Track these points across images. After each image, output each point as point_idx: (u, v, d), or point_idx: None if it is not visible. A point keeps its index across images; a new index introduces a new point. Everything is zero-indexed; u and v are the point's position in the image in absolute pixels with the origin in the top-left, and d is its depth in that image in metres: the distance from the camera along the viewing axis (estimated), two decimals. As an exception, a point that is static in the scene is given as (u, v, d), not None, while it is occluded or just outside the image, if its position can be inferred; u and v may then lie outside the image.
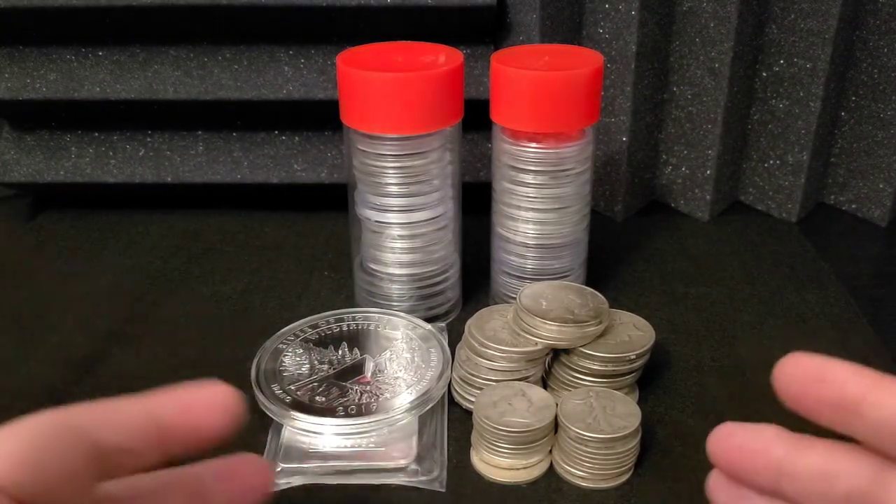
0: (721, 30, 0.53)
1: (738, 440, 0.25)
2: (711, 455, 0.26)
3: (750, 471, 0.25)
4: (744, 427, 0.26)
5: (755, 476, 0.25)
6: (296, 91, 0.55)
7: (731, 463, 0.26)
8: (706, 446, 0.27)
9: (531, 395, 0.37)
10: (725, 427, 0.26)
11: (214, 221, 0.60)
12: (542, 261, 0.45)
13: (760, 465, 0.25)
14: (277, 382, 0.39)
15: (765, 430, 0.25)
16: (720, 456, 0.26)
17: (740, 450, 0.25)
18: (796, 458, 0.24)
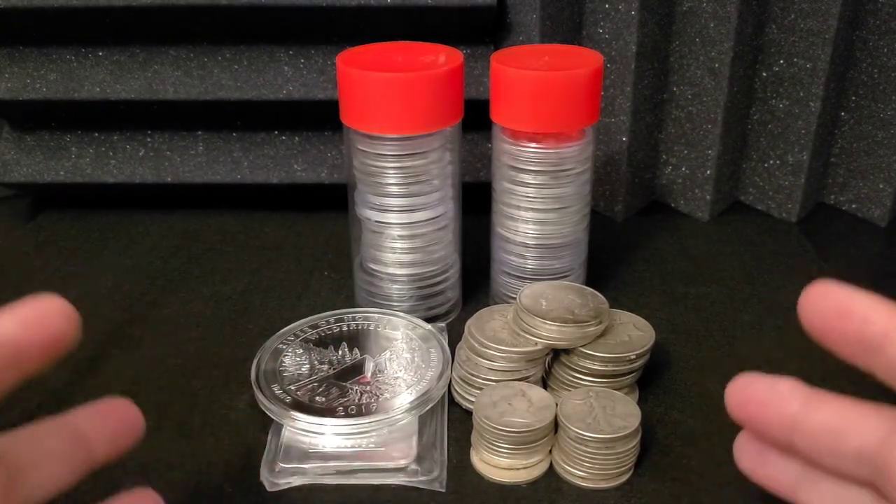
0: (721, 30, 0.53)
1: (754, 392, 0.25)
2: (728, 405, 0.26)
3: (765, 424, 0.25)
4: (761, 379, 0.25)
5: (770, 430, 0.25)
6: (296, 91, 0.55)
7: (747, 415, 0.25)
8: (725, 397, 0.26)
9: (531, 395, 0.37)
10: (743, 378, 0.26)
11: (214, 221, 0.60)
12: (542, 261, 0.45)
13: (775, 418, 0.24)
14: (277, 382, 0.39)
15: (781, 384, 0.25)
16: (736, 407, 0.26)
17: (756, 402, 0.25)
18: (809, 413, 0.24)
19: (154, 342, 0.46)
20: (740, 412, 0.26)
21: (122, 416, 0.26)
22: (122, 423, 0.26)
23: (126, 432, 0.26)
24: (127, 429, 0.26)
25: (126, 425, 0.26)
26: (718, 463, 0.37)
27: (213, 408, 0.41)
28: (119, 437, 0.25)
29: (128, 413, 0.26)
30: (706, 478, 0.36)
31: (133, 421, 0.26)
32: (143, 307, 0.49)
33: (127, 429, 0.26)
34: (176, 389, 0.42)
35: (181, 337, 0.46)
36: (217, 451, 0.38)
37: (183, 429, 0.39)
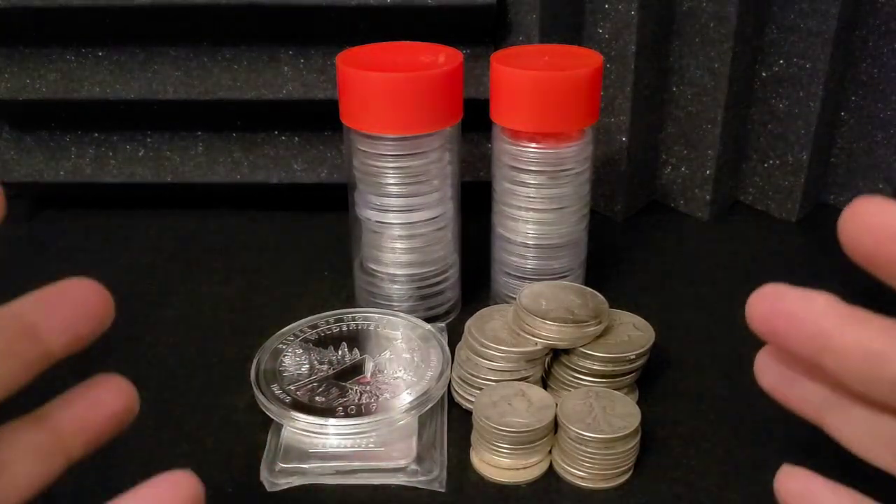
0: (721, 30, 0.53)
1: (784, 305, 0.22)
2: (751, 317, 0.23)
3: (791, 339, 0.22)
4: (791, 291, 0.22)
5: (798, 347, 0.22)
6: (296, 91, 0.55)
7: (773, 329, 0.22)
8: (746, 307, 0.23)
9: (531, 395, 0.37)
10: (771, 288, 0.23)
11: (214, 221, 0.60)
12: (542, 261, 0.45)
13: (804, 334, 0.22)
14: (277, 382, 0.39)
15: (816, 297, 0.22)
16: (761, 320, 0.23)
17: (786, 316, 0.22)
18: (846, 331, 0.21)
19: (154, 342, 0.46)
20: (765, 326, 0.23)
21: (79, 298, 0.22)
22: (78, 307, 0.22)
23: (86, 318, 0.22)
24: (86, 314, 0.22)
25: (84, 309, 0.22)
26: (718, 463, 0.37)
27: (213, 408, 0.41)
28: (77, 326, 0.22)
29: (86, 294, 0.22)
30: (706, 478, 0.36)
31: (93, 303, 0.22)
32: (142, 307, 0.49)
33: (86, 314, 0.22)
34: (176, 389, 0.42)
35: (181, 337, 0.46)
36: (217, 451, 0.38)
37: (183, 429, 0.39)
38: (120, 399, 0.23)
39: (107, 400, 0.23)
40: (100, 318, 0.22)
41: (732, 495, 0.35)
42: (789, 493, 0.24)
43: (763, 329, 0.23)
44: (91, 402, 0.23)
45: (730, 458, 0.38)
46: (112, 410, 0.23)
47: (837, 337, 0.21)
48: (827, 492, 0.23)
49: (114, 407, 0.23)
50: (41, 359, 0.21)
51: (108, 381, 0.23)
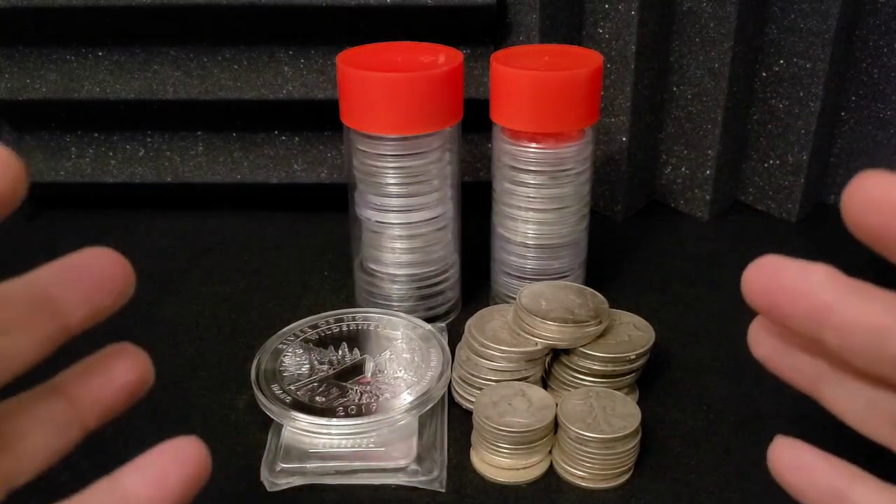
0: (721, 30, 0.53)
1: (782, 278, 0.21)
2: (747, 291, 0.22)
3: (790, 313, 0.21)
4: (791, 263, 0.21)
5: (794, 321, 0.21)
6: (296, 91, 0.55)
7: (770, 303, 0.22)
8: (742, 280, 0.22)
9: (531, 395, 0.37)
10: (768, 260, 0.22)
11: (214, 221, 0.60)
12: (542, 261, 0.45)
13: (804, 309, 0.21)
14: (277, 382, 0.39)
15: (816, 270, 0.21)
16: (758, 294, 0.22)
17: (783, 289, 0.21)
18: (848, 306, 0.20)
19: (154, 342, 0.46)
20: (763, 300, 0.22)
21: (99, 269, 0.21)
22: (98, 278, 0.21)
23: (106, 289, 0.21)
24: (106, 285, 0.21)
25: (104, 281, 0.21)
26: (718, 463, 0.37)
27: (213, 408, 0.41)
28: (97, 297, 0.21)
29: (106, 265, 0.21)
30: (706, 478, 0.36)
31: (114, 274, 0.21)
32: (143, 307, 0.49)
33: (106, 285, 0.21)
34: (176, 389, 0.42)
35: (181, 337, 0.46)
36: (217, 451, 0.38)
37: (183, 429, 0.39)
38: (135, 370, 0.22)
39: (122, 371, 0.22)
40: (120, 291, 0.21)
41: (732, 495, 0.35)
42: (783, 464, 0.23)
43: (761, 303, 0.22)
44: (107, 373, 0.22)
45: (730, 458, 0.38)
46: (127, 381, 0.22)
47: (839, 312, 0.20)
48: (821, 462, 0.23)
49: (129, 378, 0.22)
50: (59, 332, 0.21)
51: (123, 351, 0.23)
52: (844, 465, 0.23)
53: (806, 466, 0.23)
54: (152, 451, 0.21)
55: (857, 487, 0.22)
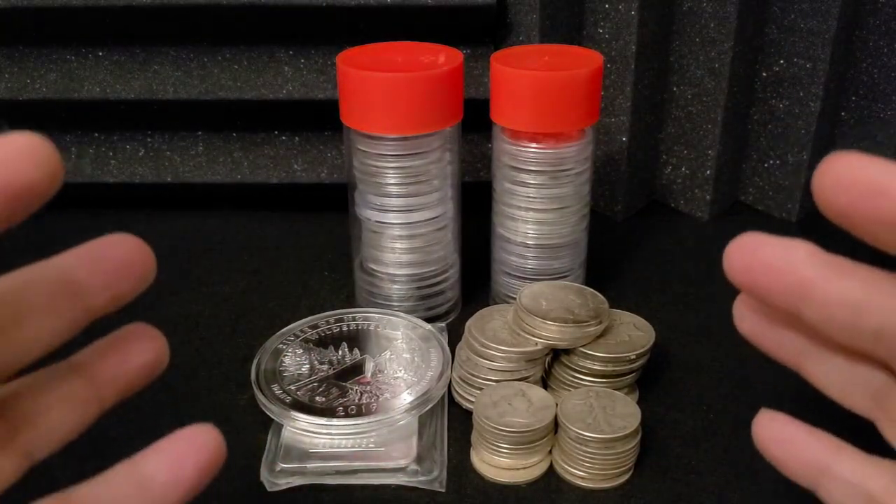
0: (721, 30, 0.53)
1: (763, 255, 0.21)
2: (729, 268, 0.22)
3: (770, 290, 0.21)
4: (771, 240, 0.22)
5: (775, 297, 0.21)
6: (296, 91, 0.55)
7: (751, 281, 0.22)
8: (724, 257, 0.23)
9: (531, 395, 0.37)
10: (749, 238, 0.22)
11: (214, 221, 0.60)
12: (542, 261, 0.45)
13: (784, 286, 0.21)
14: (277, 382, 0.39)
15: (796, 247, 0.21)
16: (739, 271, 0.22)
17: (764, 266, 0.21)
18: (827, 282, 0.20)
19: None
20: (744, 278, 0.22)
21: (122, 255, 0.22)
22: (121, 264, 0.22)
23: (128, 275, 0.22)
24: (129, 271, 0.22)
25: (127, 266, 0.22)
26: (718, 463, 0.37)
27: (214, 408, 0.41)
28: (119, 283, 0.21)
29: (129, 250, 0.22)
30: (706, 478, 0.36)
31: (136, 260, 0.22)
32: (142, 307, 0.49)
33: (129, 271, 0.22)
34: (176, 389, 0.42)
35: (181, 337, 0.46)
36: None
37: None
38: (153, 350, 0.23)
39: (140, 351, 0.23)
40: (142, 276, 0.22)
41: (732, 495, 0.35)
42: (767, 437, 0.24)
43: (742, 281, 0.22)
44: (125, 353, 0.23)
45: (730, 458, 0.38)
46: (145, 361, 0.23)
47: (818, 288, 0.20)
48: (805, 436, 0.23)
49: (147, 357, 0.23)
50: (82, 316, 0.21)
51: (141, 331, 0.23)
52: (828, 438, 0.23)
53: (790, 440, 0.24)
54: (170, 437, 0.22)
55: (839, 460, 0.23)
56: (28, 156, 0.18)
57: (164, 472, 0.21)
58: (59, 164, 0.18)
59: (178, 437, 0.22)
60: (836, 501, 0.23)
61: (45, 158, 0.18)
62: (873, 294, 0.20)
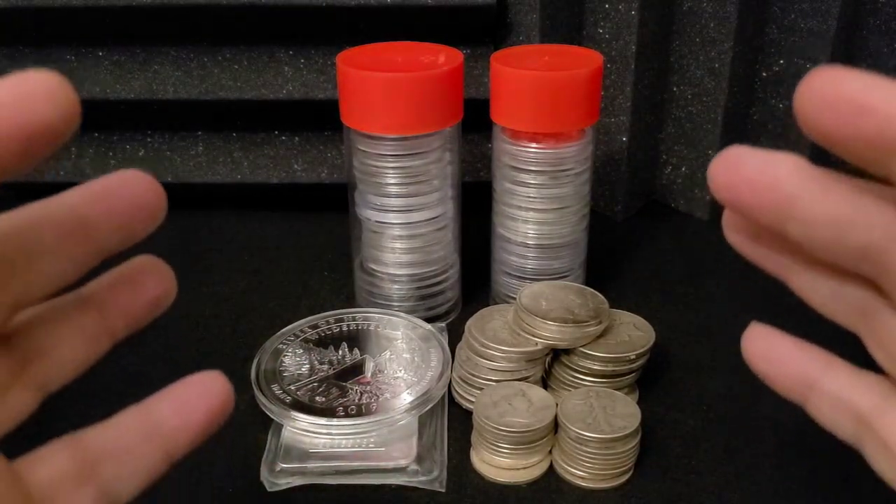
0: (721, 30, 0.53)
1: (747, 171, 0.20)
2: (713, 184, 0.21)
3: (754, 207, 0.21)
4: (755, 154, 0.20)
5: (759, 214, 0.21)
6: (296, 91, 0.55)
7: (736, 197, 0.21)
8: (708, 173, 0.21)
9: (531, 395, 0.37)
10: (734, 153, 0.21)
11: (214, 221, 0.60)
12: (542, 261, 0.45)
13: (767, 201, 0.20)
14: (277, 382, 0.39)
15: (781, 162, 0.20)
16: (723, 188, 0.21)
17: (748, 182, 0.20)
18: (811, 199, 0.20)
19: (154, 342, 0.46)
20: (728, 195, 0.21)
21: (132, 192, 0.21)
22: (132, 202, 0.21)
23: (139, 214, 0.21)
24: (140, 209, 0.21)
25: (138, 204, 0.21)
26: (718, 463, 0.37)
27: (213, 408, 0.41)
28: (131, 222, 0.21)
29: (139, 188, 0.21)
30: (706, 478, 0.36)
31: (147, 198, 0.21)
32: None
33: (140, 209, 0.21)
34: (176, 389, 0.42)
35: (181, 337, 0.46)
36: (217, 452, 0.38)
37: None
38: (162, 284, 0.23)
39: (151, 284, 0.23)
40: (154, 215, 0.21)
41: (732, 495, 0.35)
42: (756, 352, 0.24)
43: (726, 198, 0.21)
44: (136, 286, 0.22)
45: (730, 458, 0.38)
46: (154, 294, 0.23)
47: (802, 205, 0.20)
48: (794, 351, 0.23)
49: (157, 291, 0.23)
50: (93, 255, 0.20)
51: (151, 264, 0.23)
52: (818, 353, 0.23)
53: (778, 355, 0.23)
54: (180, 382, 0.22)
55: (828, 375, 0.23)
56: (45, 94, 0.17)
57: (174, 416, 0.22)
58: (76, 103, 0.17)
59: (187, 382, 0.22)
60: (825, 417, 0.23)
61: (63, 97, 0.17)
62: (858, 212, 0.19)
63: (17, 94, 0.17)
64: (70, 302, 0.22)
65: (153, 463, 0.21)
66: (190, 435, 0.22)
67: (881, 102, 0.17)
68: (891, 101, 0.17)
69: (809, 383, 0.23)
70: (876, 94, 0.18)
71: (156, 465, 0.22)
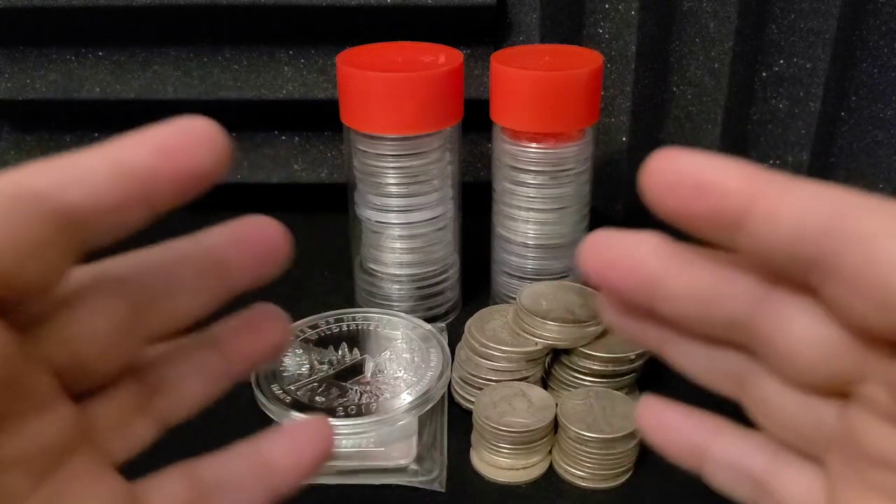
0: (721, 30, 0.53)
1: (610, 253, 0.21)
2: (582, 268, 0.21)
3: (621, 288, 0.21)
4: (618, 238, 0.21)
5: (627, 294, 0.21)
6: (296, 91, 0.55)
7: (603, 279, 0.21)
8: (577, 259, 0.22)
9: (531, 395, 0.37)
10: (598, 237, 0.21)
11: (214, 221, 0.60)
12: (542, 261, 0.45)
13: (633, 282, 0.21)
14: (277, 382, 0.39)
15: (642, 243, 0.21)
16: (591, 270, 0.21)
17: (612, 265, 0.21)
18: (674, 276, 0.20)
19: (154, 342, 0.46)
20: (598, 278, 0.21)
21: (267, 238, 0.22)
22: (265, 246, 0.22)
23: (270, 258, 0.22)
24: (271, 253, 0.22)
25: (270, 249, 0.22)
26: (718, 463, 0.37)
27: (213, 408, 0.41)
28: (262, 265, 0.22)
29: (272, 234, 0.22)
30: (706, 478, 0.36)
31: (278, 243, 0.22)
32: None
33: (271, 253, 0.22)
34: (176, 389, 0.42)
35: (181, 337, 0.46)
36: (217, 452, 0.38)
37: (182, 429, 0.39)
38: (281, 331, 0.23)
39: (271, 331, 0.23)
40: (280, 259, 0.22)
41: (732, 495, 0.35)
42: (647, 424, 0.24)
43: (596, 282, 0.22)
44: (256, 331, 0.23)
45: (730, 458, 0.38)
46: (273, 341, 0.23)
47: (666, 283, 0.20)
48: (682, 418, 0.24)
49: (276, 337, 0.23)
50: (224, 293, 0.22)
51: (272, 312, 0.24)
52: (707, 419, 0.24)
53: (666, 425, 0.24)
54: (293, 425, 0.23)
55: (717, 441, 0.23)
56: (206, 142, 0.19)
57: (285, 456, 0.23)
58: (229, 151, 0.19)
59: (299, 426, 0.23)
60: (721, 483, 0.23)
61: (220, 146, 0.19)
62: (719, 284, 0.20)
63: (183, 140, 0.19)
64: (195, 342, 0.23)
65: (259, 499, 0.22)
66: (296, 476, 0.23)
67: (715, 180, 0.18)
68: (724, 177, 0.18)
69: (701, 451, 0.24)
70: (709, 172, 0.18)
71: (261, 501, 0.22)
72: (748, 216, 0.18)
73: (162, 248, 0.22)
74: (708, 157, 0.19)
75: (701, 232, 0.19)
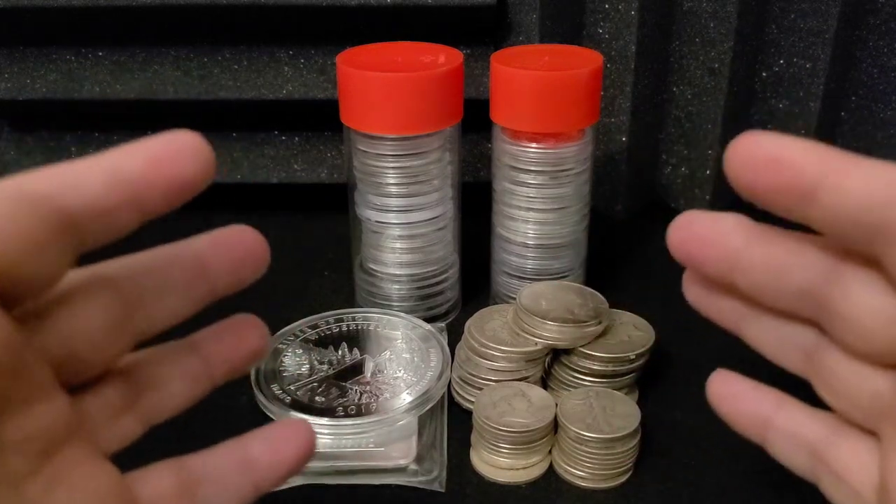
0: (721, 30, 0.53)
1: (696, 229, 0.24)
2: (670, 244, 0.24)
3: (704, 261, 0.23)
4: (704, 215, 0.24)
5: (709, 267, 0.23)
6: (296, 91, 0.55)
7: (687, 253, 0.24)
8: (667, 236, 0.25)
9: (531, 395, 0.37)
10: (686, 215, 0.24)
11: (214, 221, 0.60)
12: (542, 261, 0.45)
13: (715, 255, 0.23)
14: (277, 382, 0.39)
15: (725, 220, 0.23)
16: (677, 246, 0.24)
17: (698, 239, 0.23)
18: (752, 249, 0.22)
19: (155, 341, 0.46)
20: (682, 252, 0.24)
21: (246, 244, 0.24)
22: (245, 252, 0.24)
23: (249, 263, 0.24)
24: (250, 259, 0.24)
25: (249, 255, 0.24)
26: (718, 463, 0.37)
27: (213, 408, 0.41)
28: (241, 269, 0.24)
29: (251, 241, 0.24)
30: (706, 478, 0.36)
31: (257, 250, 0.24)
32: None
33: (250, 259, 0.24)
34: (176, 389, 0.42)
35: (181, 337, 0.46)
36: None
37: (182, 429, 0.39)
38: (260, 339, 0.25)
39: (251, 338, 0.25)
40: (260, 265, 0.24)
41: (732, 495, 0.35)
42: (716, 394, 0.27)
43: (681, 255, 0.24)
44: (238, 338, 0.25)
45: (730, 458, 0.38)
46: (253, 347, 0.25)
47: (745, 255, 0.22)
48: (750, 390, 0.26)
49: (255, 344, 0.25)
50: (206, 296, 0.23)
51: (251, 321, 0.26)
52: (772, 393, 0.26)
53: (735, 395, 0.26)
54: (274, 424, 0.25)
55: (781, 413, 0.25)
56: (191, 152, 0.20)
57: (266, 454, 0.24)
58: (213, 162, 0.21)
59: (279, 425, 0.25)
60: (781, 453, 0.25)
61: (204, 156, 0.20)
62: (793, 256, 0.22)
63: (169, 150, 0.20)
64: (179, 347, 0.24)
65: (244, 493, 0.24)
66: (278, 472, 0.24)
67: (793, 157, 0.20)
68: (800, 155, 0.20)
69: (765, 422, 0.25)
70: (788, 150, 0.20)
71: (246, 495, 0.24)
72: (820, 189, 0.20)
73: (152, 253, 0.23)
74: (786, 138, 0.21)
75: (778, 205, 0.21)
